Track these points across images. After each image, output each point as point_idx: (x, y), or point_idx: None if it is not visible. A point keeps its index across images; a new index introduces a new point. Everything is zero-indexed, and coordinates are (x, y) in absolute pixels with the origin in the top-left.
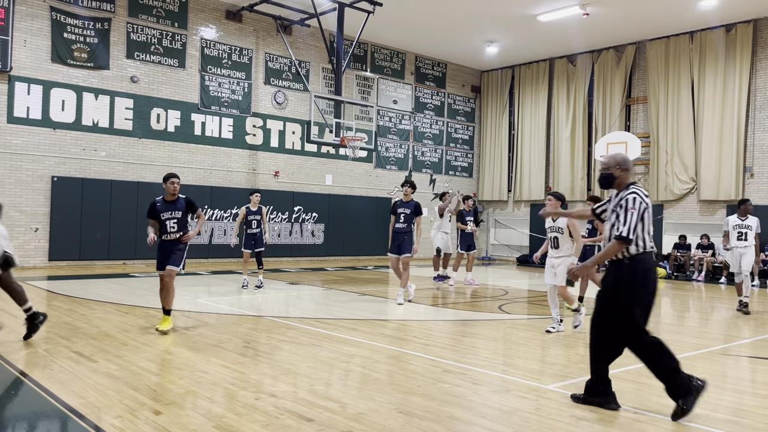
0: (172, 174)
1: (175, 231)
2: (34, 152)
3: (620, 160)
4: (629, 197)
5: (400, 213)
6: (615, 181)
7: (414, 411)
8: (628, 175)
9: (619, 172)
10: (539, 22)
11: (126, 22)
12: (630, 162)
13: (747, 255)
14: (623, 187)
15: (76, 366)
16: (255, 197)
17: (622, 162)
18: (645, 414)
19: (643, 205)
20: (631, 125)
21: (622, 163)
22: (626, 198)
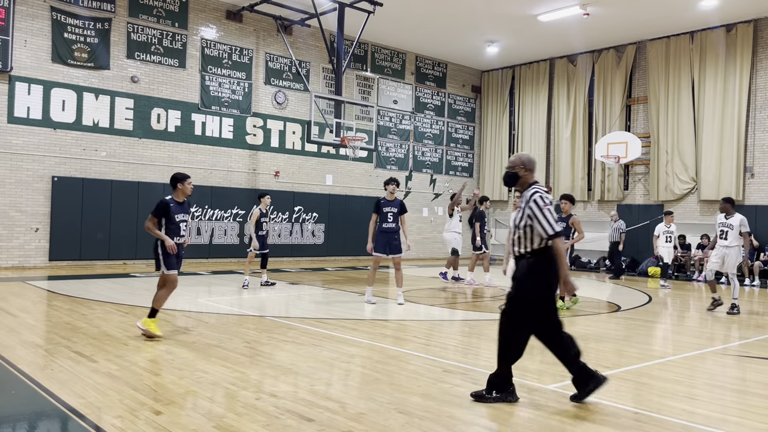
0: (188, 175)
1: (185, 234)
2: (35, 152)
3: (525, 160)
4: (536, 197)
5: (387, 212)
6: (519, 180)
7: (414, 411)
8: (531, 175)
9: (523, 172)
10: (539, 22)
11: (126, 22)
12: (534, 163)
13: (728, 255)
14: (526, 186)
15: (77, 366)
16: (267, 199)
17: (527, 162)
18: (645, 414)
19: (550, 200)
20: (632, 125)
21: (527, 163)
22: (534, 198)
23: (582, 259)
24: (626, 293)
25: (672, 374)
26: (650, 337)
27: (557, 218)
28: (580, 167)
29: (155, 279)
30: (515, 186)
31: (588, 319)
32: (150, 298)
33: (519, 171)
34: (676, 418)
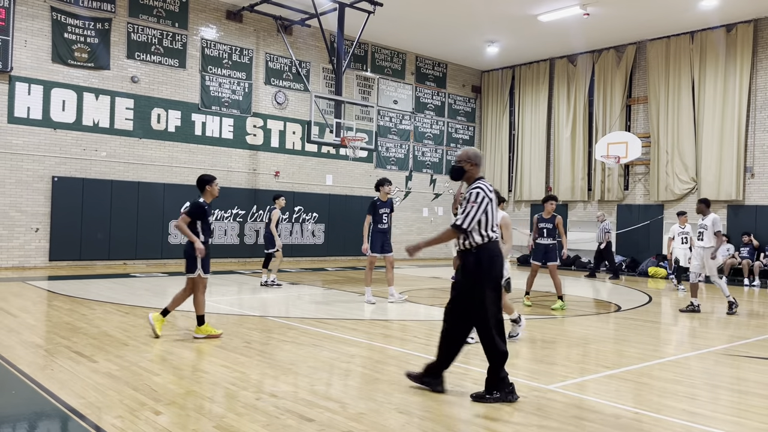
0: (215, 176)
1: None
2: (35, 152)
3: (471, 155)
4: (474, 191)
5: (382, 213)
6: (465, 175)
7: (414, 411)
8: (477, 169)
9: (469, 167)
10: (540, 22)
11: (126, 22)
12: (480, 158)
13: (705, 256)
14: (472, 181)
15: (77, 366)
16: (282, 201)
17: (473, 157)
18: (646, 414)
19: (486, 200)
20: (632, 125)
21: (473, 158)
22: (471, 192)
23: (582, 260)
24: (626, 293)
25: (672, 374)
26: (650, 337)
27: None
28: (580, 167)
29: (155, 279)
30: (461, 180)
31: (588, 319)
32: (150, 298)
33: (465, 165)
34: (677, 418)
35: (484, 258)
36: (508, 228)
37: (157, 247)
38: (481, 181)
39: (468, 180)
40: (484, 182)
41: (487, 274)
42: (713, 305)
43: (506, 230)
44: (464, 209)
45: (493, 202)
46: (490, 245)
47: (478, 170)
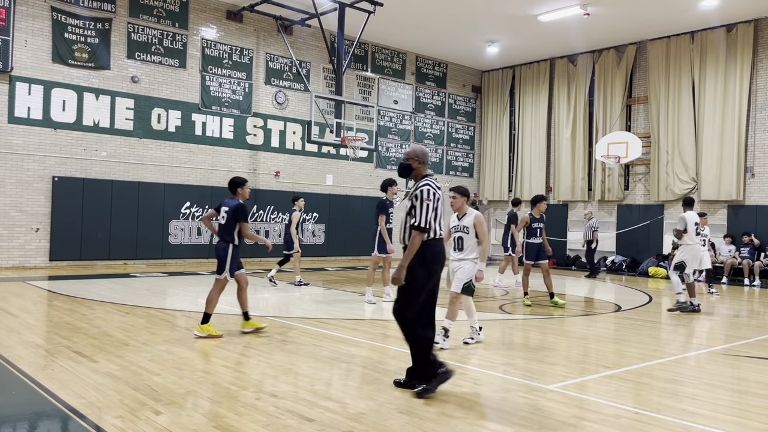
0: (246, 179)
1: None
2: (35, 152)
3: (419, 152)
4: (423, 189)
5: (390, 213)
6: (412, 172)
7: (415, 411)
8: (424, 167)
9: (417, 164)
10: (540, 22)
11: (127, 22)
12: (427, 156)
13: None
14: (419, 178)
15: (77, 366)
16: (301, 202)
17: (420, 154)
18: (646, 414)
19: (436, 196)
20: (632, 125)
21: (421, 156)
22: (421, 189)
23: (582, 260)
24: (627, 293)
25: (672, 374)
26: (650, 337)
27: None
28: (580, 167)
29: (155, 279)
30: (409, 177)
31: (588, 319)
32: (150, 298)
33: (413, 163)
34: (677, 418)
35: (428, 255)
36: (482, 226)
37: (158, 247)
38: (428, 178)
39: (416, 177)
40: (431, 179)
41: (428, 271)
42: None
43: (480, 228)
44: (419, 208)
45: (442, 199)
46: (433, 242)
47: (425, 167)
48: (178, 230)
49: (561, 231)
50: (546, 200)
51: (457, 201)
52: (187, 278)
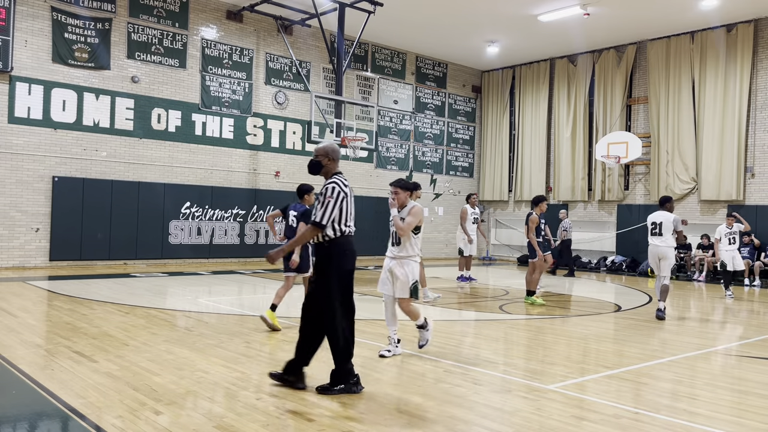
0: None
1: None
2: (35, 152)
3: (329, 150)
4: (329, 186)
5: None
6: (322, 169)
7: (415, 411)
8: (334, 164)
9: (326, 161)
10: (540, 22)
11: (127, 22)
12: (337, 153)
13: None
14: (329, 176)
15: (77, 366)
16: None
17: (330, 152)
18: (646, 414)
19: (341, 195)
20: (632, 125)
21: (330, 153)
22: (326, 187)
23: (582, 260)
24: (627, 293)
25: (672, 374)
26: (650, 337)
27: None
28: (580, 167)
29: (155, 279)
30: (319, 174)
31: (588, 319)
32: (150, 298)
33: (322, 160)
34: (677, 418)
35: (334, 252)
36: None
37: (158, 247)
38: (337, 176)
39: (326, 174)
40: (340, 177)
41: (337, 269)
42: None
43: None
44: (322, 204)
45: (349, 197)
46: (342, 239)
47: (335, 165)
48: (178, 230)
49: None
50: (546, 200)
51: (399, 196)
52: (187, 278)
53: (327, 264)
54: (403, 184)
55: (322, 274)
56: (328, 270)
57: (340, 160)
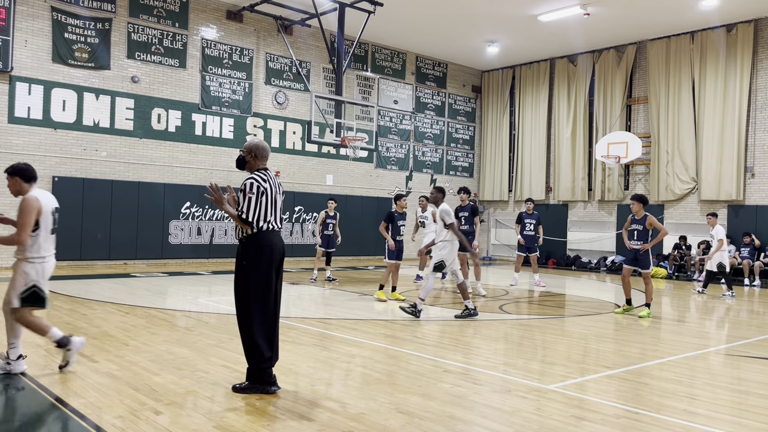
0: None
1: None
2: (36, 152)
3: (252, 147)
4: (247, 182)
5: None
6: (246, 165)
7: (415, 411)
8: (258, 161)
9: (250, 158)
10: (540, 22)
11: (127, 22)
12: (263, 150)
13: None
14: (252, 172)
15: (77, 366)
16: (332, 204)
17: (254, 148)
18: (646, 414)
19: (261, 189)
20: (632, 125)
21: (254, 150)
22: (245, 183)
23: (582, 260)
24: None
25: (672, 374)
26: (651, 337)
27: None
28: (580, 167)
29: (155, 279)
30: (244, 170)
31: (589, 319)
32: (150, 298)
33: (246, 156)
34: (677, 418)
35: (250, 248)
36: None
37: (158, 247)
38: (259, 171)
39: (249, 170)
40: (260, 173)
41: (252, 266)
42: (713, 305)
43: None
44: (245, 200)
45: (270, 192)
46: (259, 235)
47: (259, 162)
48: (178, 230)
49: (561, 231)
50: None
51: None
52: (187, 278)
53: (241, 260)
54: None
55: (237, 270)
56: (242, 267)
57: (268, 158)
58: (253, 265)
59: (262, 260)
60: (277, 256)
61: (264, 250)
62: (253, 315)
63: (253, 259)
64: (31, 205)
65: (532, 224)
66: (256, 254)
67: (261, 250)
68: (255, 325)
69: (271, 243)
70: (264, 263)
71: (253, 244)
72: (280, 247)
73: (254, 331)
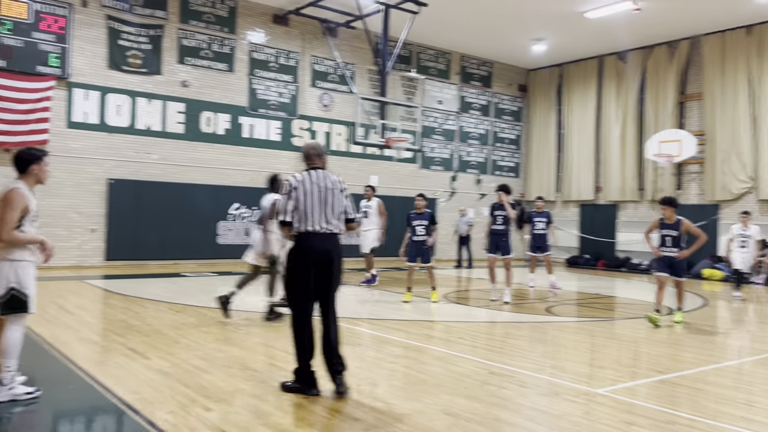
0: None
1: (423, 234)
2: (92, 156)
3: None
4: (285, 183)
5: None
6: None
7: (460, 413)
8: (305, 162)
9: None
10: (587, 18)
11: (177, 28)
12: (305, 150)
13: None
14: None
15: (131, 362)
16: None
17: (302, 151)
18: (700, 420)
19: (289, 188)
20: (685, 123)
21: (302, 152)
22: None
23: (633, 261)
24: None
25: (729, 380)
26: (706, 342)
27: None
28: (630, 166)
29: (205, 279)
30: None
31: (639, 322)
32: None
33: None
34: (734, 425)
35: (290, 251)
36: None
37: (208, 247)
38: (303, 171)
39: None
40: (302, 172)
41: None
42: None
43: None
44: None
45: (302, 190)
46: (298, 238)
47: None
48: (227, 231)
49: (611, 232)
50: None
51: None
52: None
53: (288, 261)
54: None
55: (287, 271)
56: (290, 267)
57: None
58: (290, 268)
59: (297, 264)
60: (318, 259)
61: (299, 254)
62: (295, 317)
63: (291, 263)
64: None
65: (542, 222)
66: (292, 258)
67: (296, 254)
68: (296, 326)
69: (310, 246)
70: (299, 267)
71: (293, 247)
72: (322, 250)
73: (294, 332)
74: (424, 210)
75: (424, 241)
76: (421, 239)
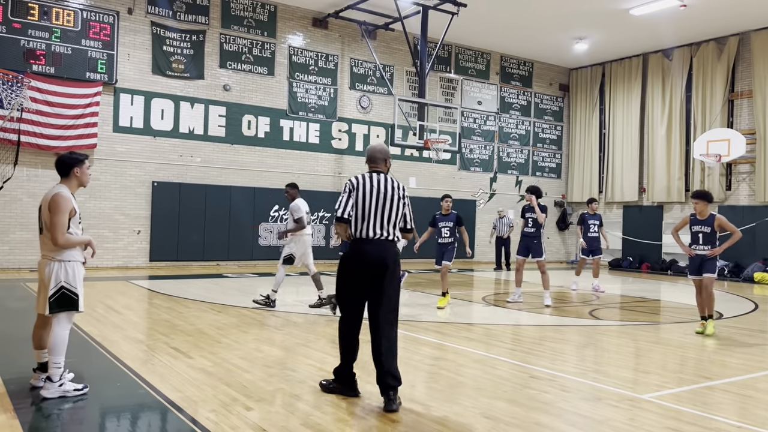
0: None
1: (448, 236)
2: (137, 159)
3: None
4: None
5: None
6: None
7: (500, 416)
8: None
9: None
10: (632, 16)
11: (219, 33)
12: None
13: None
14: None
15: (175, 361)
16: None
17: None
18: (750, 428)
19: (348, 187)
20: (735, 121)
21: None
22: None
23: (679, 264)
24: (730, 300)
25: None
26: (756, 347)
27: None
28: (676, 167)
29: (246, 279)
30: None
31: (687, 327)
32: (241, 298)
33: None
34: None
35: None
36: None
37: (248, 248)
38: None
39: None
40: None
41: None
42: None
43: None
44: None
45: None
46: (352, 244)
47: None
48: (267, 233)
49: (656, 234)
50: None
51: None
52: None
53: (339, 266)
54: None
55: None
56: (339, 272)
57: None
58: (339, 273)
59: (345, 270)
60: (369, 267)
61: (349, 261)
62: (343, 317)
63: (340, 268)
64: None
65: (595, 225)
66: (342, 263)
67: (347, 260)
68: (342, 326)
69: (361, 253)
70: (347, 274)
71: (347, 251)
72: (374, 257)
73: (340, 331)
74: (450, 211)
75: (448, 243)
76: (446, 241)
